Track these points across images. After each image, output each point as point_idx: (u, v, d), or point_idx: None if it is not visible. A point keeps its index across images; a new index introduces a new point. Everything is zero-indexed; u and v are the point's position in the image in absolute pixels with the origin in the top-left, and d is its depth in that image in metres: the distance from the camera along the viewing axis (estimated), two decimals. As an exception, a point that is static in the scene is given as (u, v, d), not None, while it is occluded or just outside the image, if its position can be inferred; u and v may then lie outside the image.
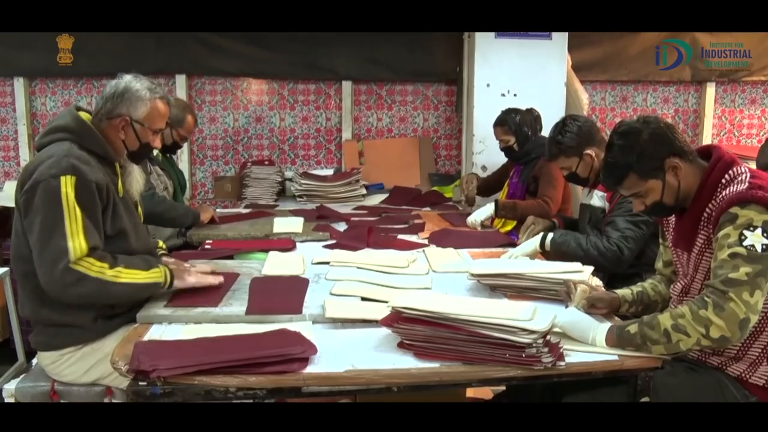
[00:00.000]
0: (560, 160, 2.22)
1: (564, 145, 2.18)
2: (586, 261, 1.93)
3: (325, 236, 2.42)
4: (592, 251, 2.03)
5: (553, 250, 2.06)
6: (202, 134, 4.07)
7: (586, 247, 2.04)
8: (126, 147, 1.65)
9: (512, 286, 1.68)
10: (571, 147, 2.18)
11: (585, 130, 2.18)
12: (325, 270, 1.91)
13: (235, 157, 4.12)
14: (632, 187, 1.47)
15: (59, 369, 1.58)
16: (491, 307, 1.32)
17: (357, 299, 1.63)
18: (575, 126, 2.19)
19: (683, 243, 1.49)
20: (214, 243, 2.30)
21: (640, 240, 2.03)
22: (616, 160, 1.46)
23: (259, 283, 1.75)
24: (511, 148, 2.87)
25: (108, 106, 1.62)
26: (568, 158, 2.20)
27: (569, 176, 2.26)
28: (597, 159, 2.17)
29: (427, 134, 4.20)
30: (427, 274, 1.91)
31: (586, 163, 2.19)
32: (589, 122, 2.24)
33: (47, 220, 1.45)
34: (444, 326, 1.28)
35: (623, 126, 1.49)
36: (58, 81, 3.87)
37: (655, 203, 1.47)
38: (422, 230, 2.59)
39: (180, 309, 1.52)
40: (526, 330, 1.22)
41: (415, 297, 1.39)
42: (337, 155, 4.17)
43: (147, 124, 1.64)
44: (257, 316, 1.49)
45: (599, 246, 2.03)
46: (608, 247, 2.02)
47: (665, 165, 1.43)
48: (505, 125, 2.86)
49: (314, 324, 1.47)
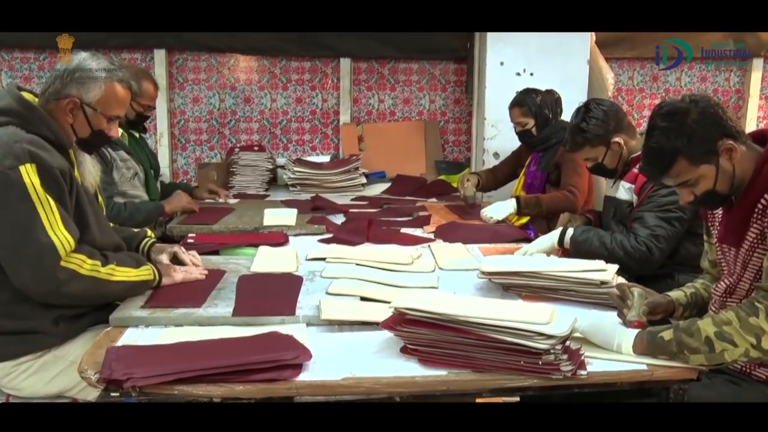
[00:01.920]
0: (585, 150, 2.19)
1: (590, 133, 2.15)
2: (610, 262, 1.92)
3: (321, 229, 2.42)
4: (618, 251, 2.01)
5: (574, 249, 2.04)
6: (185, 116, 4.06)
7: (611, 246, 2.02)
8: (75, 133, 1.59)
9: (527, 285, 1.68)
10: (597, 135, 2.15)
11: (611, 114, 2.15)
12: (321, 267, 1.91)
13: (221, 141, 4.10)
14: (681, 174, 1.42)
15: (15, 382, 1.53)
16: (504, 309, 1.31)
17: (356, 299, 1.63)
18: (600, 111, 2.15)
19: (731, 238, 1.46)
20: (198, 236, 2.30)
21: (672, 239, 2.01)
22: (661, 145, 1.41)
23: (247, 281, 1.75)
24: (529, 133, 2.85)
25: (57, 84, 1.56)
26: (593, 148, 2.17)
27: (594, 168, 2.23)
28: (626, 147, 2.15)
29: (433, 117, 4.18)
30: (433, 272, 1.91)
31: (613, 153, 2.16)
32: (614, 106, 2.21)
33: (17, 216, 1.41)
34: (452, 329, 1.27)
35: (666, 106, 1.44)
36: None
37: (707, 192, 1.42)
38: (428, 223, 2.58)
39: (158, 310, 1.51)
40: (543, 334, 1.21)
41: (420, 297, 1.38)
42: (334, 140, 4.16)
43: (100, 109, 1.58)
44: (245, 318, 1.48)
45: (626, 245, 2.01)
46: (636, 246, 2.00)
47: (718, 147, 1.38)
48: (523, 106, 2.83)
49: (308, 326, 1.47)
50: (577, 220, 2.32)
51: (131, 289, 1.57)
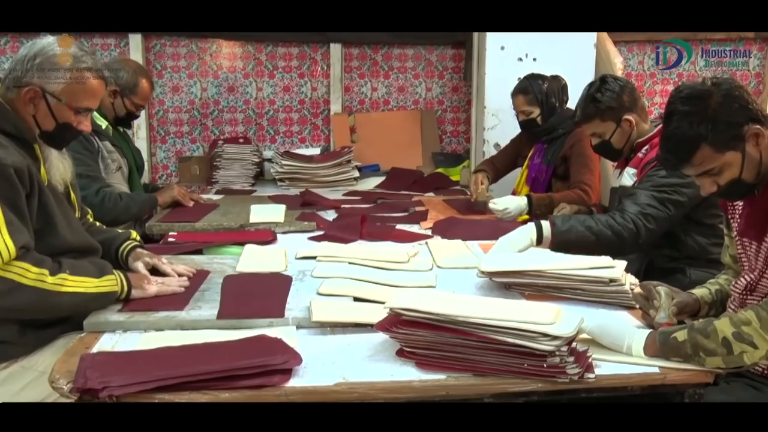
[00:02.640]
0: (594, 123, 2.19)
1: (603, 104, 2.15)
2: (600, 248, 1.93)
3: (311, 226, 2.42)
4: (606, 232, 1.99)
5: (559, 240, 1.97)
6: (164, 107, 4.05)
7: (598, 229, 1.99)
8: (38, 126, 1.53)
9: (531, 284, 1.68)
10: (610, 108, 2.15)
11: (627, 91, 2.17)
12: (311, 266, 1.91)
13: (204, 133, 4.10)
14: (705, 162, 1.39)
15: None
16: (506, 309, 1.32)
17: (349, 300, 1.63)
18: (617, 85, 2.17)
19: (753, 231, 1.46)
20: (179, 235, 2.29)
21: (663, 222, 2.01)
22: (682, 131, 1.38)
23: (232, 281, 1.75)
24: (533, 122, 2.84)
25: (17, 71, 1.50)
26: (603, 122, 2.18)
27: (600, 146, 2.23)
28: (636, 128, 2.16)
29: (430, 106, 4.19)
30: (431, 270, 1.91)
31: (623, 131, 2.17)
32: (631, 84, 2.24)
33: None
34: (451, 331, 1.27)
35: (687, 89, 1.42)
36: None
37: (732, 181, 1.40)
38: (425, 219, 2.59)
39: (137, 314, 1.51)
40: (547, 335, 1.22)
41: (417, 297, 1.39)
42: (324, 131, 4.16)
43: (66, 100, 1.52)
44: (231, 321, 1.48)
45: (612, 224, 1.99)
46: (623, 223, 1.99)
47: (744, 133, 1.36)
48: (528, 94, 2.82)
49: (298, 329, 1.47)
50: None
51: (90, 302, 1.48)
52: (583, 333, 1.36)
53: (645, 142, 2.14)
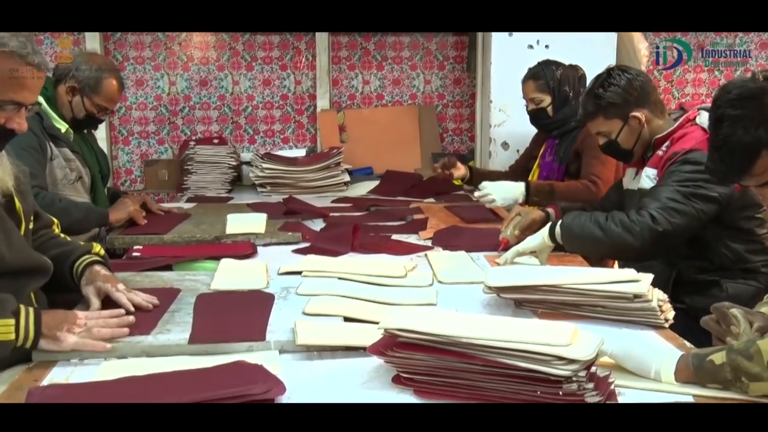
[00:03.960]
0: (598, 121, 2.20)
1: (605, 100, 2.16)
2: (608, 248, 1.94)
3: (296, 237, 2.43)
4: (614, 227, 1.96)
5: (566, 238, 2.01)
6: (126, 103, 4.06)
7: (607, 224, 1.97)
8: None
9: (544, 301, 1.69)
10: (614, 104, 2.16)
11: (636, 85, 2.16)
12: (296, 282, 1.91)
13: (173, 134, 4.11)
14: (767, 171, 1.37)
15: None
16: (516, 329, 1.32)
17: (338, 320, 1.63)
18: (623, 78, 2.17)
19: None
20: (145, 249, 2.30)
21: (689, 218, 1.95)
22: (737, 137, 1.36)
23: (206, 301, 1.75)
24: (543, 112, 2.87)
25: None
26: (608, 120, 2.18)
27: (606, 146, 2.24)
28: (647, 125, 2.16)
29: (429, 101, 4.21)
30: (431, 286, 1.92)
31: (631, 129, 2.17)
32: (642, 76, 2.22)
33: None
34: (453, 354, 1.27)
35: (735, 89, 1.39)
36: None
37: None
38: (424, 228, 2.60)
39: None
40: (563, 359, 1.22)
41: (415, 316, 1.39)
42: (310, 131, 4.18)
43: None
44: (204, 346, 1.48)
45: (624, 220, 1.96)
46: (636, 218, 1.95)
47: None
48: (539, 80, 2.85)
49: (281, 354, 1.47)
50: (530, 213, 2.27)
51: None
52: (605, 356, 1.36)
53: (664, 138, 2.14)
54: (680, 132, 2.12)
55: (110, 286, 1.64)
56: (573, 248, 2.07)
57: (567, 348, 1.23)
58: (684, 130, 2.11)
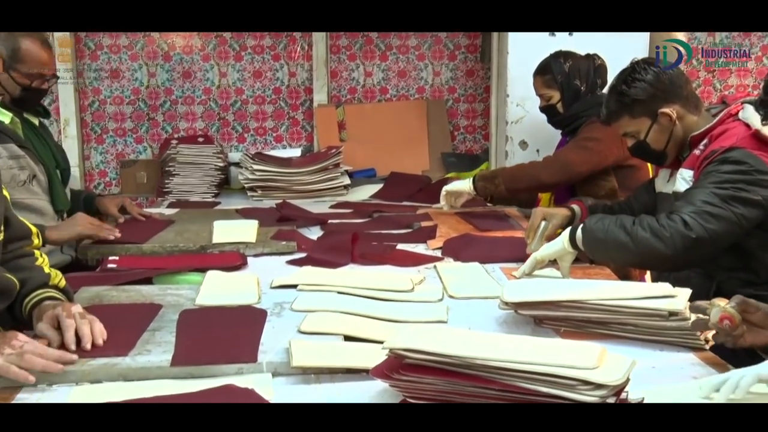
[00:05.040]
0: (623, 121, 2.20)
1: (629, 97, 2.16)
2: (634, 255, 1.92)
3: (291, 247, 2.43)
4: (642, 232, 1.93)
5: (587, 243, 2.00)
6: (99, 97, 4.07)
7: (633, 229, 1.94)
8: None
9: (567, 318, 1.69)
10: (639, 101, 2.16)
11: (664, 78, 2.16)
12: (291, 297, 1.92)
13: (152, 131, 4.12)
14: None
15: None
16: (536, 350, 1.32)
17: (338, 339, 1.63)
18: (650, 72, 2.16)
19: None
20: (122, 260, 2.29)
21: (730, 224, 1.92)
22: None
23: (191, 318, 1.75)
24: (553, 109, 2.92)
25: None
26: (634, 119, 2.18)
27: (636, 148, 2.24)
28: (680, 122, 2.16)
29: (439, 95, 4.22)
30: (441, 302, 1.92)
31: (661, 128, 2.17)
32: (674, 70, 2.22)
33: None
34: (466, 378, 1.27)
35: None
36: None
37: None
38: (433, 237, 2.60)
39: (69, 361, 1.50)
40: (590, 383, 1.22)
41: (424, 334, 1.39)
42: (306, 128, 4.19)
43: None
44: (189, 368, 1.49)
45: (653, 224, 1.93)
46: (668, 224, 1.92)
47: None
48: (546, 74, 2.90)
49: (275, 377, 1.47)
50: (555, 217, 2.30)
51: None
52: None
53: (702, 136, 2.14)
54: (720, 128, 2.11)
55: (61, 310, 1.57)
56: (596, 255, 2.06)
57: (594, 371, 1.23)
58: (724, 126, 2.11)
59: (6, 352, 1.43)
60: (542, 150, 3.36)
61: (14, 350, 1.44)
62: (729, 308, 1.44)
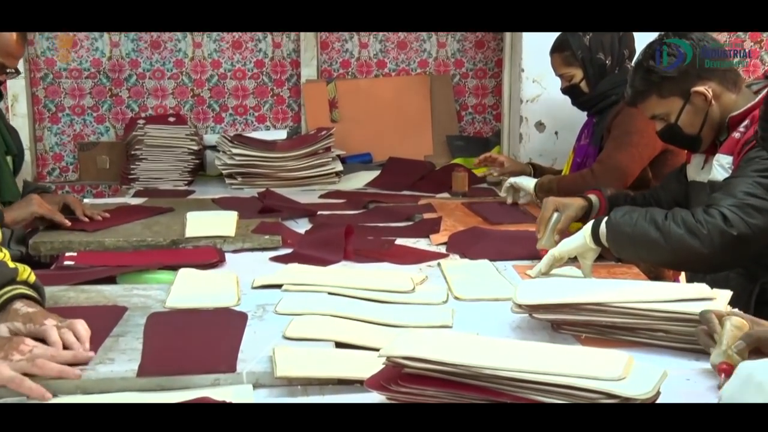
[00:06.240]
0: (651, 102, 2.20)
1: (657, 75, 2.16)
2: (666, 254, 1.92)
3: (275, 242, 2.44)
4: (676, 229, 1.92)
5: (612, 239, 2.00)
6: (53, 69, 4.06)
7: (666, 225, 1.93)
8: None
9: (588, 322, 1.69)
10: (669, 79, 2.16)
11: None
12: (275, 298, 1.92)
13: (116, 109, 4.12)
14: None
15: None
16: (553, 358, 1.33)
17: (328, 346, 1.64)
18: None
19: None
20: (81, 256, 2.30)
21: None
22: None
23: (160, 322, 1.75)
24: (577, 89, 2.90)
25: None
26: (663, 99, 2.18)
27: (666, 132, 2.23)
28: (716, 102, 2.15)
29: (444, 70, 4.22)
30: (446, 304, 1.92)
31: (695, 108, 2.16)
32: (707, 40, 2.20)
33: None
34: (474, 390, 1.28)
35: None
36: None
37: None
38: (437, 231, 2.61)
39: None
40: (615, 396, 1.22)
41: (426, 341, 1.40)
42: (292, 107, 4.18)
43: None
44: (158, 379, 1.48)
45: (689, 220, 1.92)
46: (705, 219, 1.91)
47: None
48: (564, 51, 2.89)
49: (256, 389, 1.47)
50: (569, 207, 2.29)
51: None
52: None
53: (742, 117, 2.13)
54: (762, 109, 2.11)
55: (33, 326, 1.56)
56: (622, 253, 2.06)
57: (619, 383, 1.24)
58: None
59: (15, 359, 1.43)
60: (561, 133, 3.36)
61: (23, 356, 1.44)
62: (734, 353, 1.43)
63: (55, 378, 1.44)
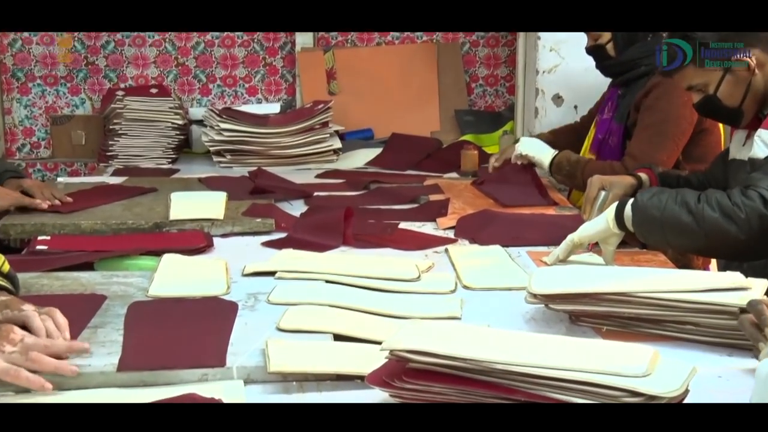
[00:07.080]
0: (687, 71, 2.20)
1: (696, 40, 2.16)
2: (699, 239, 1.91)
3: (268, 225, 2.44)
4: (711, 213, 1.91)
5: (638, 223, 1.99)
6: (22, 34, 4.04)
7: (699, 208, 1.92)
8: None
9: (610, 314, 1.69)
10: (708, 45, 2.16)
11: (741, 17, 2.17)
12: (268, 286, 1.93)
13: (92, 79, 4.11)
14: None
15: None
16: (571, 352, 1.33)
17: (326, 338, 1.64)
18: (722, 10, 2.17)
19: None
20: (54, 240, 2.30)
21: None
22: None
23: (143, 312, 1.76)
24: (603, 51, 2.90)
25: None
26: (701, 69, 2.18)
27: (703, 104, 2.22)
28: (760, 71, 2.15)
29: (452, 37, 4.21)
30: (454, 293, 1.93)
31: (737, 80, 2.16)
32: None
33: None
34: (484, 386, 1.28)
35: None
36: None
37: None
38: (444, 214, 2.61)
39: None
40: (639, 394, 1.23)
41: (432, 333, 1.40)
42: (286, 78, 4.18)
43: None
44: (140, 374, 1.49)
45: (724, 203, 1.91)
46: (742, 201, 1.89)
47: None
48: None
49: (248, 385, 1.48)
50: (617, 186, 2.29)
51: None
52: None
53: None
54: None
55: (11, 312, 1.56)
56: (649, 238, 2.05)
57: (645, 379, 1.24)
58: None
59: (7, 350, 1.44)
60: (581, 107, 3.36)
61: (15, 347, 1.45)
62: None
63: (51, 374, 1.44)
